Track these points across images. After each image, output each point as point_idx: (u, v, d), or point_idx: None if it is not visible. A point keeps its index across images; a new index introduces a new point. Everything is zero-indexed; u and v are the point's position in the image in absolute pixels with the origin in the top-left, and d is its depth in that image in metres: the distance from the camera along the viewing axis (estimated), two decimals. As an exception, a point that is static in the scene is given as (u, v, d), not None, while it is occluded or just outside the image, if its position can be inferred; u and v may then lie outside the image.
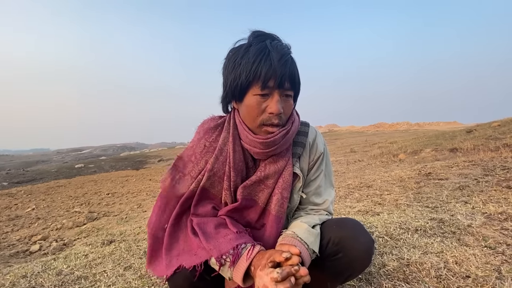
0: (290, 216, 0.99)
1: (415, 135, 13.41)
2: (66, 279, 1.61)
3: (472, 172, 3.10)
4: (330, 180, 1.03)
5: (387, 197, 2.72)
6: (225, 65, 0.87)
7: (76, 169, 19.52)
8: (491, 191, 2.34)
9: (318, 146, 0.99)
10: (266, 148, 0.86)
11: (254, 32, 0.85)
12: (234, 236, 0.82)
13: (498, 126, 7.41)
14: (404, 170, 4.01)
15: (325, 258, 0.87)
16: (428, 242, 1.51)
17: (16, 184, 14.69)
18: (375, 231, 1.78)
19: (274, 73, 0.78)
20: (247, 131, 0.87)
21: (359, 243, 0.83)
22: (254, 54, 0.79)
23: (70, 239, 3.91)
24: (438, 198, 2.38)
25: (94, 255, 2.03)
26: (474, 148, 5.22)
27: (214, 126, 0.95)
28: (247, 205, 0.91)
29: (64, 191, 9.51)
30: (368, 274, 1.31)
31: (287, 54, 0.81)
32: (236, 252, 0.77)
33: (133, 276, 1.56)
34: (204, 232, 0.83)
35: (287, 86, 0.81)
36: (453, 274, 1.20)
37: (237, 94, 0.84)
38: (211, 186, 0.91)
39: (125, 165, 21.14)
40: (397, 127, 44.15)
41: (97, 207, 6.41)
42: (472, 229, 1.61)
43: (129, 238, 2.51)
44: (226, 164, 0.90)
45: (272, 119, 0.82)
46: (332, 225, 0.91)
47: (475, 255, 1.32)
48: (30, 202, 7.84)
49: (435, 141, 7.58)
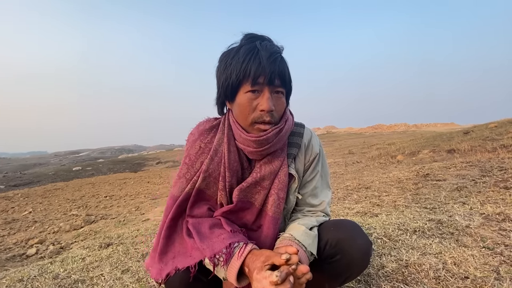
0: (287, 218, 0.99)
1: (413, 137, 13.46)
2: (63, 283, 1.59)
3: (470, 173, 3.12)
4: (326, 181, 1.03)
5: (385, 199, 2.72)
6: (217, 67, 0.89)
7: (73, 172, 19.42)
8: (489, 192, 2.34)
9: (314, 147, 0.99)
10: (259, 146, 0.86)
11: (246, 34, 0.87)
12: (228, 235, 0.82)
13: (495, 127, 7.46)
14: (402, 171, 4.02)
15: (323, 260, 0.86)
16: (427, 243, 1.51)
17: (13, 187, 14.58)
18: (373, 233, 1.78)
19: (263, 70, 0.79)
20: (241, 130, 0.87)
21: (357, 245, 0.82)
22: (244, 54, 0.81)
23: (67, 243, 3.88)
24: (436, 199, 2.39)
25: (91, 259, 2.02)
26: (471, 149, 5.24)
27: (209, 128, 0.96)
28: (243, 207, 0.91)
29: (61, 194, 9.45)
30: (367, 275, 1.30)
31: (276, 53, 0.83)
32: (229, 251, 0.77)
33: (131, 280, 1.55)
34: (198, 232, 0.83)
35: (277, 83, 0.83)
36: (451, 275, 1.19)
37: (229, 94, 0.86)
38: (206, 187, 0.90)
39: (123, 167, 21.06)
40: (395, 128, 44.35)
41: (94, 210, 6.37)
42: (470, 230, 1.61)
43: (127, 241, 2.50)
44: (221, 164, 0.90)
45: (263, 116, 0.82)
46: (330, 227, 0.90)
47: (474, 256, 1.32)
48: (27, 205, 7.78)
49: (432, 142, 7.61)
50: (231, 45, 0.88)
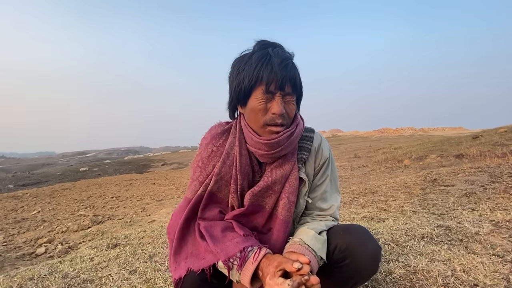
0: (296, 222, 1.00)
1: (420, 141, 13.30)
2: (73, 282, 1.62)
3: (479, 178, 3.07)
4: (335, 186, 1.04)
5: (392, 203, 2.70)
6: (230, 73, 0.92)
7: (80, 173, 19.68)
8: (499, 198, 2.31)
9: (324, 151, 1.01)
10: (270, 149, 0.88)
11: (259, 41, 0.89)
12: (241, 239, 0.83)
13: (505, 132, 7.33)
14: (409, 176, 3.98)
15: (331, 265, 0.87)
16: (435, 250, 1.50)
17: (21, 186, 14.85)
18: (380, 238, 1.77)
19: (275, 76, 0.81)
20: (252, 133, 0.89)
21: (367, 249, 0.83)
22: (256, 60, 0.84)
23: (75, 242, 3.94)
24: (444, 205, 2.36)
25: (99, 259, 2.04)
26: (480, 154, 5.17)
27: (221, 132, 0.98)
28: (254, 210, 0.92)
29: (69, 194, 9.58)
30: (375, 281, 1.30)
31: (287, 59, 0.85)
32: (243, 255, 0.79)
33: (138, 280, 1.57)
34: (211, 235, 0.85)
35: (288, 88, 0.85)
36: (460, 283, 1.18)
37: (241, 98, 0.88)
38: (218, 190, 0.92)
39: (129, 168, 21.27)
40: (402, 132, 43.89)
41: (101, 211, 6.44)
42: (480, 237, 1.59)
43: (133, 242, 2.52)
44: (233, 167, 0.92)
45: (275, 119, 0.85)
46: (339, 231, 0.91)
47: (483, 263, 1.31)
48: (35, 204, 7.91)
49: (440, 147, 7.52)
50: (244, 52, 0.90)
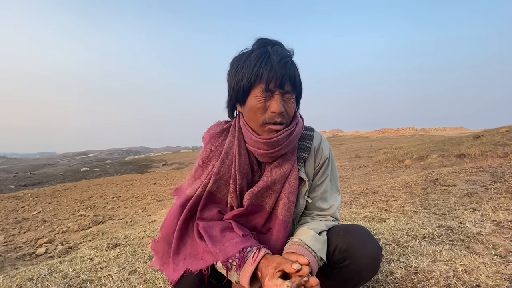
0: (296, 222, 0.99)
1: (421, 141, 13.27)
2: (72, 283, 1.61)
3: (481, 178, 3.06)
4: (336, 185, 1.03)
5: (393, 203, 2.69)
6: (229, 71, 0.91)
7: (81, 173, 19.72)
8: (501, 198, 2.30)
9: (324, 151, 0.99)
10: (269, 148, 0.87)
11: (258, 39, 0.88)
12: (240, 239, 0.83)
13: (506, 132, 7.30)
14: (410, 176, 3.97)
15: (331, 265, 0.86)
16: (436, 250, 1.49)
17: (23, 187, 14.89)
18: (381, 238, 1.76)
19: (274, 74, 0.80)
20: (251, 132, 0.88)
21: (367, 250, 0.82)
22: (255, 58, 0.83)
23: (75, 242, 3.94)
24: (445, 205, 2.35)
25: (99, 259, 2.04)
26: (482, 154, 5.14)
27: (220, 131, 0.97)
28: (253, 210, 0.91)
29: (69, 195, 9.60)
30: (375, 282, 1.29)
31: (287, 57, 0.84)
32: (242, 256, 0.78)
33: (138, 281, 1.56)
34: (210, 235, 0.84)
35: (287, 87, 0.84)
36: (462, 283, 1.17)
37: (240, 97, 0.87)
38: (217, 190, 0.91)
39: (130, 169, 21.29)
40: (403, 132, 43.82)
41: (102, 211, 6.44)
42: (482, 237, 1.58)
43: (134, 242, 2.52)
44: (232, 167, 0.91)
45: (274, 118, 0.84)
46: (339, 231, 0.90)
47: (485, 263, 1.30)
48: (36, 205, 7.93)
49: (441, 147, 7.49)
50: (243, 50, 0.89)
